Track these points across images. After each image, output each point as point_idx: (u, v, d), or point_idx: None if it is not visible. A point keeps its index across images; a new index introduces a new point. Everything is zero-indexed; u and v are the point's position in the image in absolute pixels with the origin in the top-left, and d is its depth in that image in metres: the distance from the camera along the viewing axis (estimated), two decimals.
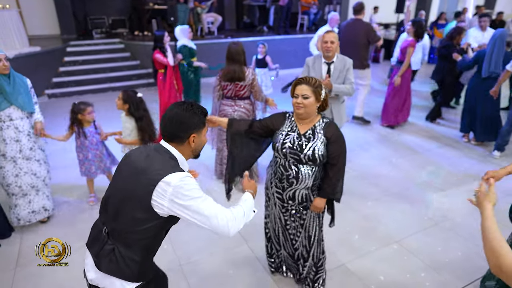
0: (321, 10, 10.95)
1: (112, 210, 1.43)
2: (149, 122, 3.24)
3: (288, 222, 2.25)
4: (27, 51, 6.62)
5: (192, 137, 1.47)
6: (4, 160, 2.92)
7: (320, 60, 3.35)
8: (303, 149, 1.99)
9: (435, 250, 2.90)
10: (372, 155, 4.64)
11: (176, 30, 5.41)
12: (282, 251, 2.46)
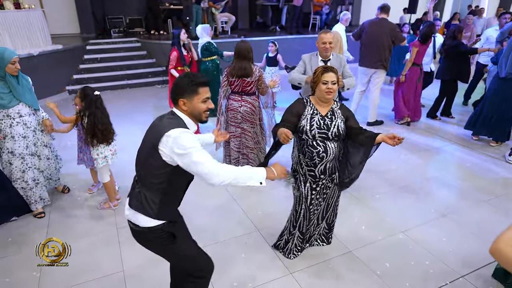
0: (333, 10, 11.05)
1: (138, 159, 1.79)
2: (98, 120, 3.12)
3: (313, 201, 2.53)
4: (50, 49, 6.92)
5: (181, 102, 1.73)
6: (13, 157, 3.10)
7: (316, 58, 3.51)
8: (329, 128, 2.34)
9: (440, 240, 3.02)
10: (381, 152, 4.69)
11: (198, 28, 5.53)
12: (295, 232, 2.66)
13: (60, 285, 2.54)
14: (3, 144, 3.07)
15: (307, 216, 2.61)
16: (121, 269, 2.69)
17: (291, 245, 2.74)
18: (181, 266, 1.98)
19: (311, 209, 2.59)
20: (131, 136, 5.28)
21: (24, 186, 3.19)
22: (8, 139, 3.05)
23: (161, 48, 8.48)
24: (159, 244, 1.83)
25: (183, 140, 1.60)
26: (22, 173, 3.15)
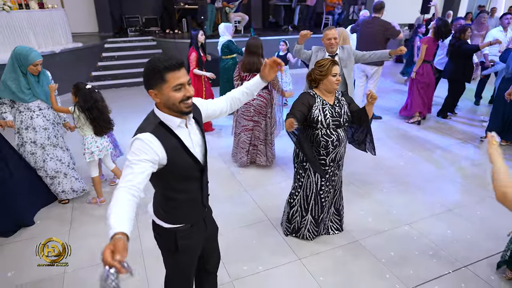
0: (345, 10, 11.11)
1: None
2: (101, 112, 3.22)
3: (323, 187, 2.71)
4: (71, 46, 7.21)
5: (152, 94, 1.48)
6: (35, 146, 3.30)
7: (323, 53, 3.64)
8: (341, 115, 2.56)
9: (445, 232, 3.12)
10: (389, 148, 4.85)
11: (220, 26, 5.61)
12: (307, 216, 2.84)
13: (84, 263, 2.74)
14: (26, 135, 3.26)
15: (319, 202, 2.78)
16: (140, 249, 2.88)
17: (304, 230, 2.92)
18: (166, 274, 1.91)
19: (322, 195, 2.76)
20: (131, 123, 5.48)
21: (44, 175, 3.40)
22: (30, 130, 3.25)
23: (176, 47, 8.70)
24: (163, 245, 1.77)
25: (133, 149, 1.42)
26: (43, 162, 3.36)
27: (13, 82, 3.06)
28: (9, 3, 6.05)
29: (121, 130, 5.49)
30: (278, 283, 2.57)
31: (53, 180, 3.45)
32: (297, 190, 2.85)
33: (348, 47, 3.69)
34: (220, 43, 5.63)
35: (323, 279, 2.59)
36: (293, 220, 2.94)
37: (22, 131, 3.25)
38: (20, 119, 3.22)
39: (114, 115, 6.37)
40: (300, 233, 2.95)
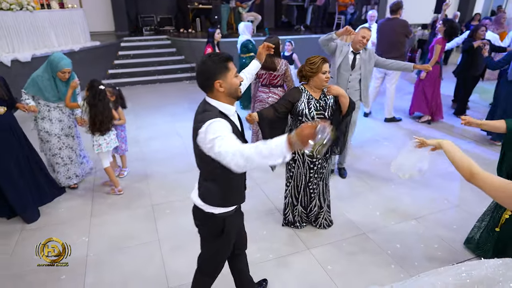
0: (357, 10, 11.15)
1: (194, 155, 1.80)
2: (100, 113, 3.39)
3: (311, 179, 2.85)
4: (89, 45, 7.46)
5: (217, 84, 1.65)
6: (49, 136, 3.54)
7: (348, 48, 3.68)
8: (325, 108, 2.72)
9: (451, 227, 3.20)
10: (399, 147, 4.91)
11: (240, 25, 5.69)
12: (298, 206, 3.01)
13: (104, 248, 2.92)
14: (41, 125, 3.49)
15: (308, 192, 2.95)
16: (156, 237, 3.05)
17: (297, 217, 3.10)
18: (203, 258, 2.04)
19: (310, 186, 2.92)
20: (160, 127, 5.74)
21: (59, 161, 3.63)
22: (46, 121, 3.49)
23: (190, 46, 8.90)
24: (207, 232, 1.91)
25: (214, 131, 1.54)
26: (59, 150, 3.61)
27: (43, 82, 3.33)
28: (32, 3, 6.30)
29: (136, 126, 5.71)
30: (288, 270, 2.70)
31: (65, 167, 3.67)
32: (288, 181, 3.01)
33: (372, 51, 3.74)
34: (239, 41, 5.73)
35: (331, 268, 2.71)
36: (286, 211, 3.11)
37: (38, 120, 3.51)
38: (38, 109, 3.45)
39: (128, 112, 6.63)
40: (294, 222, 3.12)
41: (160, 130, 5.47)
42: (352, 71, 3.66)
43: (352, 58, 3.65)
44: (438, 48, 5.23)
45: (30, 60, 6.15)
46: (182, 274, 2.63)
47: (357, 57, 3.64)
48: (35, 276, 2.62)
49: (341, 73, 3.69)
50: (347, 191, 3.82)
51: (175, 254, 2.87)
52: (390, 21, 5.56)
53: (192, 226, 1.92)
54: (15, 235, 3.07)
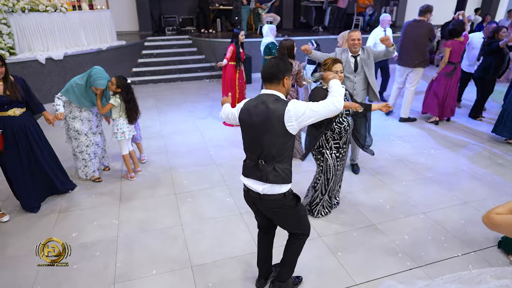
0: (376, 11, 11.20)
1: (259, 152, 2.04)
2: (134, 104, 3.88)
3: (338, 167, 3.15)
4: (116, 44, 7.85)
5: (285, 79, 2.05)
6: (79, 134, 3.82)
7: (347, 53, 3.88)
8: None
9: (458, 222, 3.34)
10: (413, 146, 5.05)
11: (264, 27, 5.84)
12: (324, 196, 3.22)
13: (133, 230, 3.20)
14: (72, 124, 3.78)
15: (337, 182, 3.22)
16: (179, 222, 3.32)
17: (320, 207, 3.30)
18: (297, 226, 2.29)
19: (337, 174, 3.18)
20: (182, 123, 6.04)
21: (86, 157, 3.92)
22: (76, 121, 3.78)
23: (210, 46, 9.19)
24: (288, 208, 2.14)
25: (300, 106, 1.94)
26: (86, 147, 3.90)
27: (80, 90, 3.65)
28: (65, 5, 6.72)
29: (160, 122, 6.03)
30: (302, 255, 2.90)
31: (91, 162, 3.95)
32: (319, 175, 3.20)
33: (369, 48, 3.94)
34: (263, 43, 5.76)
35: (341, 254, 2.91)
36: (314, 203, 3.31)
37: (69, 120, 3.79)
38: (69, 110, 3.76)
39: (151, 108, 7.00)
40: (317, 211, 3.34)
41: (181, 125, 5.77)
42: (356, 72, 3.85)
43: (354, 61, 3.85)
44: (446, 50, 5.32)
45: (62, 58, 6.56)
46: (203, 254, 2.89)
47: (357, 59, 3.83)
48: (73, 251, 2.92)
49: (346, 77, 3.88)
50: (360, 186, 3.99)
51: (196, 237, 3.12)
52: (417, 22, 5.58)
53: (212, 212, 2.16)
54: (53, 217, 3.40)
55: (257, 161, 2.07)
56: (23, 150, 3.32)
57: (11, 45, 5.99)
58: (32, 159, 3.43)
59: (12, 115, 3.16)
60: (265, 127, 1.98)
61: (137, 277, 2.66)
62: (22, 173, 3.36)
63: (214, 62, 9.14)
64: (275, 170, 2.04)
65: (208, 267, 2.77)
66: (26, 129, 3.30)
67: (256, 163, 2.08)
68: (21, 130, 3.25)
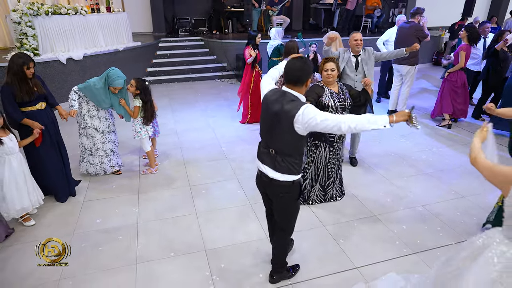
0: (384, 13, 11.35)
1: (271, 141, 2.25)
2: (151, 105, 4.13)
3: (330, 160, 3.40)
4: (132, 45, 8.20)
5: (308, 81, 2.20)
6: (97, 132, 4.05)
7: (349, 53, 4.15)
8: (345, 99, 3.33)
9: (454, 214, 3.55)
10: (415, 143, 5.26)
11: (272, 31, 6.06)
12: (316, 186, 3.54)
13: (151, 218, 3.50)
14: (90, 122, 4.02)
15: (326, 172, 3.49)
16: (194, 211, 3.60)
17: (313, 195, 3.62)
18: (287, 221, 2.48)
19: (329, 166, 3.48)
20: (195, 121, 6.36)
21: (102, 154, 4.17)
22: (94, 119, 4.03)
23: (222, 47, 9.48)
24: (291, 197, 2.34)
25: (309, 113, 2.04)
26: (102, 144, 4.13)
27: (97, 90, 3.87)
28: (85, 8, 7.08)
29: (174, 120, 6.34)
30: (307, 241, 3.16)
31: (107, 158, 4.21)
32: (309, 165, 3.52)
33: (370, 49, 4.20)
34: (271, 46, 5.92)
35: (343, 241, 3.15)
36: (304, 190, 3.61)
37: (86, 118, 3.98)
38: (87, 108, 3.96)
39: (165, 107, 7.32)
40: (310, 199, 3.64)
41: (194, 123, 6.07)
42: (357, 71, 4.11)
43: (355, 61, 4.10)
44: (462, 55, 5.40)
45: (82, 58, 6.92)
46: (216, 240, 3.16)
47: (358, 58, 4.09)
48: (98, 235, 3.23)
49: (347, 75, 4.14)
50: (363, 180, 4.22)
51: (210, 225, 3.40)
52: (408, 24, 6.02)
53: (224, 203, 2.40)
54: (79, 206, 3.72)
55: (269, 150, 2.28)
56: (54, 141, 3.63)
57: (35, 46, 6.36)
58: (62, 149, 3.77)
59: (40, 109, 3.45)
60: (277, 121, 2.16)
61: (156, 258, 2.95)
62: (58, 164, 3.68)
63: (226, 62, 9.43)
64: (284, 161, 2.22)
65: (221, 251, 3.05)
66: (54, 121, 3.62)
67: (268, 151, 2.29)
68: (49, 121, 3.54)
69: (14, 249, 3.04)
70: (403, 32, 6.01)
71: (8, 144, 3.12)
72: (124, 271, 2.81)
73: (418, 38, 5.84)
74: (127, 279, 2.74)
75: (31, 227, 3.34)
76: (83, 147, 4.14)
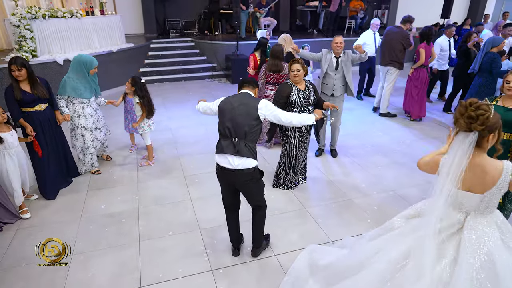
0: (367, 15, 11.87)
1: (234, 131, 2.66)
2: (149, 101, 4.42)
3: (300, 148, 3.88)
4: (125, 46, 8.52)
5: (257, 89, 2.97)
6: (86, 130, 4.26)
7: (330, 54, 4.58)
8: (309, 97, 3.76)
9: (421, 198, 3.99)
10: (391, 137, 5.74)
11: (258, 33, 6.39)
12: (290, 173, 3.99)
13: (150, 203, 3.88)
14: (78, 122, 4.20)
15: (298, 160, 3.94)
16: (189, 197, 3.99)
17: (288, 182, 4.07)
18: (259, 198, 2.89)
19: (299, 155, 3.92)
20: (187, 118, 6.72)
21: (92, 151, 4.41)
22: (81, 118, 4.20)
23: (212, 47, 9.86)
24: (256, 180, 2.75)
25: (270, 105, 2.76)
26: (92, 141, 4.36)
27: (74, 82, 4.05)
28: (80, 11, 7.38)
29: (167, 117, 6.70)
30: (289, 221, 3.58)
31: (94, 155, 4.48)
32: (283, 153, 3.99)
33: (349, 52, 4.62)
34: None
35: (321, 220, 3.58)
36: (280, 176, 4.08)
37: (74, 119, 4.21)
38: (73, 109, 4.18)
39: (159, 105, 7.70)
40: (285, 185, 4.09)
41: (187, 120, 6.44)
42: (336, 71, 4.55)
43: (335, 62, 4.54)
44: (422, 52, 5.98)
45: None
46: (209, 221, 3.57)
47: (339, 60, 4.52)
48: (103, 219, 3.60)
49: (328, 74, 4.57)
50: (341, 169, 4.67)
51: (203, 208, 3.80)
52: (396, 28, 6.34)
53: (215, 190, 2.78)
54: (84, 194, 4.08)
55: (231, 139, 2.67)
56: (49, 139, 3.91)
57: (33, 48, 6.66)
58: (60, 146, 4.10)
59: (38, 110, 3.76)
60: (244, 110, 2.68)
61: (157, 237, 3.34)
62: (50, 163, 3.94)
63: (216, 63, 9.82)
64: (246, 146, 2.65)
65: (214, 229, 3.45)
66: (51, 121, 3.93)
67: (231, 141, 2.67)
68: (47, 123, 3.87)
69: (28, 231, 3.40)
70: (390, 36, 6.31)
71: (8, 140, 3.44)
72: (129, 247, 3.20)
73: (403, 44, 6.19)
74: (132, 253, 3.12)
75: (41, 211, 3.70)
76: (76, 148, 4.39)
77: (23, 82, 3.62)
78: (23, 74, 3.55)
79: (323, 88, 4.70)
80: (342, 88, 4.64)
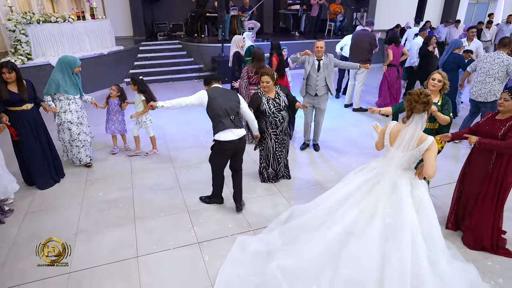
0: (346, 18, 12.51)
1: (231, 110, 3.53)
2: (149, 93, 4.96)
3: (277, 149, 4.35)
4: (115, 49, 8.94)
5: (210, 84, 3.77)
6: (72, 124, 4.59)
7: (313, 57, 5.10)
8: (280, 104, 4.16)
9: None
10: (360, 131, 6.33)
11: (244, 34, 6.83)
12: (269, 169, 4.47)
13: (144, 191, 4.36)
14: (64, 117, 4.53)
15: (276, 159, 4.41)
16: (178, 185, 4.49)
17: (268, 177, 4.55)
18: (241, 162, 3.84)
19: (277, 154, 4.39)
20: (175, 116, 7.18)
21: (79, 144, 4.74)
22: (67, 113, 4.53)
23: (198, 49, 10.35)
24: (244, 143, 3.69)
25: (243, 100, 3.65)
26: (78, 135, 4.69)
27: (60, 80, 4.38)
28: (72, 16, 7.78)
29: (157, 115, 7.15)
30: (266, 202, 4.11)
31: (83, 148, 4.84)
32: (261, 153, 4.49)
33: (331, 56, 5.13)
34: (244, 47, 6.61)
35: (294, 202, 4.13)
36: (262, 172, 4.56)
37: (61, 114, 4.54)
38: (60, 106, 4.51)
39: None
40: (266, 178, 4.56)
41: (175, 118, 6.92)
42: (318, 72, 5.07)
43: (317, 64, 5.06)
44: (390, 52, 6.65)
45: None
46: (196, 204, 4.08)
47: (320, 62, 5.05)
48: (102, 204, 4.07)
49: (310, 75, 5.10)
50: (314, 159, 5.23)
51: (191, 194, 4.30)
52: (363, 31, 7.04)
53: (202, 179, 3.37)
54: (83, 184, 4.53)
55: (229, 117, 3.53)
56: (36, 136, 4.23)
57: (28, 52, 7.04)
58: (45, 143, 4.39)
59: (25, 109, 4.07)
60: (230, 96, 3.63)
61: (150, 217, 3.83)
62: (37, 155, 4.26)
63: (202, 64, 10.30)
64: (239, 120, 3.61)
65: (200, 211, 3.96)
66: (37, 119, 4.23)
67: (229, 118, 3.53)
68: (33, 120, 4.20)
69: (36, 214, 3.85)
70: (358, 38, 6.95)
71: None
72: (126, 227, 3.68)
73: (370, 44, 6.82)
74: (129, 231, 3.61)
75: (44, 198, 4.15)
76: (63, 141, 4.75)
77: (11, 84, 3.99)
78: (12, 77, 3.90)
79: (307, 88, 5.18)
80: (325, 88, 5.14)
